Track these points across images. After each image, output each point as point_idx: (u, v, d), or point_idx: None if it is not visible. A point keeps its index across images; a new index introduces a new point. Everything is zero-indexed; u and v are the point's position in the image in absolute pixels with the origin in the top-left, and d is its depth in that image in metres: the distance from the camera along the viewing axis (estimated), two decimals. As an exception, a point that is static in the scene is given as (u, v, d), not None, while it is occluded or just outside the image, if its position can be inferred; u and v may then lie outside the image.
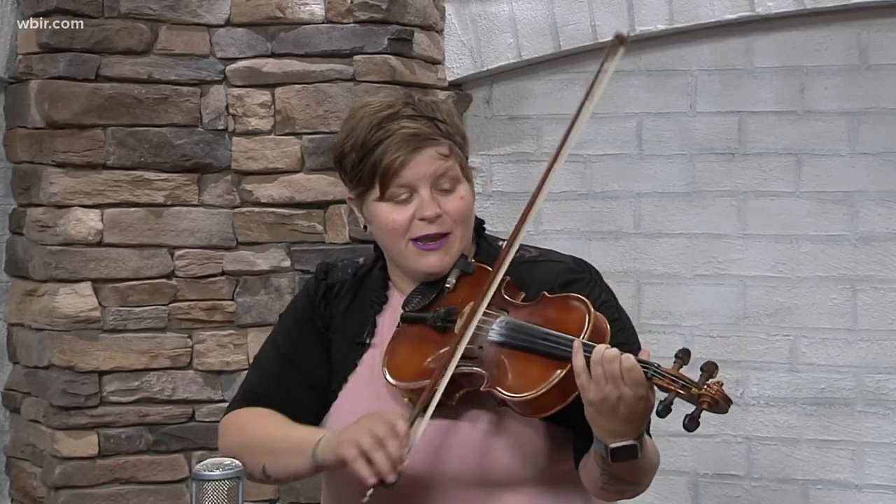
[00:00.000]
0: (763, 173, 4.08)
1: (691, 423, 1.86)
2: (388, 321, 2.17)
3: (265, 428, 2.17)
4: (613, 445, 1.90)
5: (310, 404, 2.20)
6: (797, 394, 4.04)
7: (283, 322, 2.28)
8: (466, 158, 2.16)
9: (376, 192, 2.09)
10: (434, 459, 2.07)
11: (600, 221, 4.18)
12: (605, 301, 2.10)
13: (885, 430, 3.97)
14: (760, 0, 3.99)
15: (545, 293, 2.05)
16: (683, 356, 1.90)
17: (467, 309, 2.04)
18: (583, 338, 1.94)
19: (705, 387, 1.85)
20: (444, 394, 2.00)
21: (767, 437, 4.07)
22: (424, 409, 1.99)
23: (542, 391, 1.93)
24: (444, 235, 2.10)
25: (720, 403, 1.86)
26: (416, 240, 2.10)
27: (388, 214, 2.10)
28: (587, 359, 1.90)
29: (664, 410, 1.85)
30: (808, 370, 4.03)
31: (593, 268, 2.17)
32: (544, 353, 1.96)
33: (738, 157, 4.11)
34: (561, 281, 2.10)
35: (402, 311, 2.14)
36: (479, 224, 2.22)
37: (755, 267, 4.09)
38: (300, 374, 2.21)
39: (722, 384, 1.86)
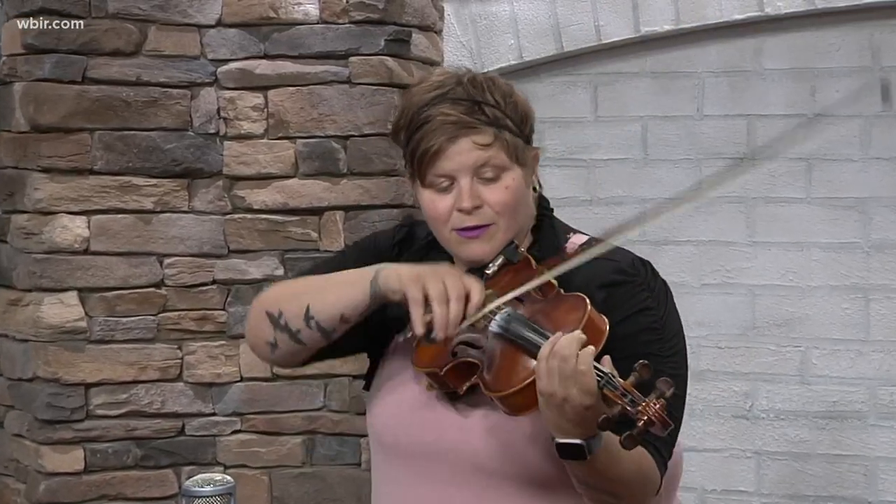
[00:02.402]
0: (772, 179, 4.06)
1: (628, 441, 1.78)
2: None
3: (312, 276, 2.13)
4: (559, 441, 1.85)
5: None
6: (808, 407, 4.03)
7: (357, 245, 2.25)
8: (528, 141, 2.07)
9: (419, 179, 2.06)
10: (429, 440, 2.03)
11: (605, 228, 4.10)
12: (648, 308, 2.02)
13: (899, 445, 3.98)
14: (770, 0, 3.96)
15: (560, 290, 1.98)
16: (641, 370, 1.81)
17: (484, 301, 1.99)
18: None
19: (644, 405, 1.78)
20: (452, 381, 1.98)
21: (777, 451, 4.06)
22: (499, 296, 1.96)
23: (515, 389, 1.88)
24: (485, 226, 2.04)
25: (656, 425, 1.79)
26: (457, 229, 2.05)
27: (431, 202, 2.04)
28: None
29: (604, 423, 1.79)
30: (819, 382, 4.03)
31: (650, 270, 2.07)
32: (527, 351, 1.91)
33: (746, 161, 4.08)
34: (605, 281, 2.03)
35: None
36: (546, 209, 2.14)
37: (764, 275, 4.07)
38: None
39: (665, 405, 1.78)
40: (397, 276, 1.99)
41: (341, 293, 2.04)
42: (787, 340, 4.04)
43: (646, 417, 1.76)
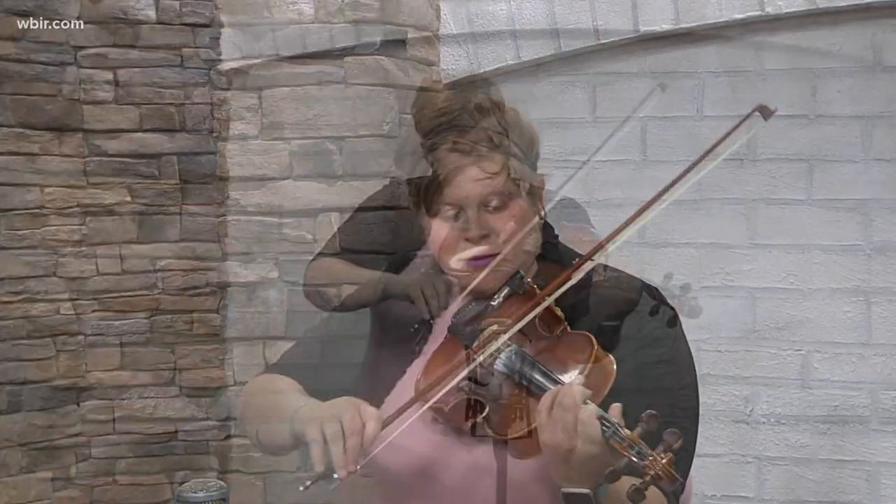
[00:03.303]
0: (773, 180, 4.04)
1: (635, 495, 1.74)
2: (444, 327, 2.12)
3: (267, 395, 2.15)
4: (565, 490, 1.82)
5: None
6: (809, 411, 4.01)
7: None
8: (534, 167, 2.06)
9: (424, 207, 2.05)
10: (434, 476, 2.02)
11: (603, 231, 4.08)
12: (658, 339, 2.00)
13: (901, 450, 3.97)
14: (770, 0, 3.96)
15: (567, 327, 1.95)
16: (649, 421, 1.77)
17: (487, 332, 1.97)
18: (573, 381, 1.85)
19: (651, 459, 1.75)
20: (457, 417, 1.95)
21: (778, 456, 4.04)
22: (400, 414, 1.93)
23: (519, 435, 1.87)
24: (492, 255, 2.01)
25: (663, 480, 1.76)
26: (463, 259, 2.03)
27: (437, 231, 2.03)
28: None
29: (611, 475, 1.75)
30: (820, 386, 4.00)
31: (658, 298, 2.06)
32: (532, 393, 1.88)
33: (746, 163, 4.06)
34: (614, 311, 2.01)
35: (451, 320, 2.08)
36: (551, 237, 2.12)
37: (765, 278, 4.05)
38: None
39: (672, 460, 1.75)
40: (300, 421, 1.98)
41: (274, 428, 2.08)
42: (787, 344, 4.01)
43: (652, 472, 1.74)
